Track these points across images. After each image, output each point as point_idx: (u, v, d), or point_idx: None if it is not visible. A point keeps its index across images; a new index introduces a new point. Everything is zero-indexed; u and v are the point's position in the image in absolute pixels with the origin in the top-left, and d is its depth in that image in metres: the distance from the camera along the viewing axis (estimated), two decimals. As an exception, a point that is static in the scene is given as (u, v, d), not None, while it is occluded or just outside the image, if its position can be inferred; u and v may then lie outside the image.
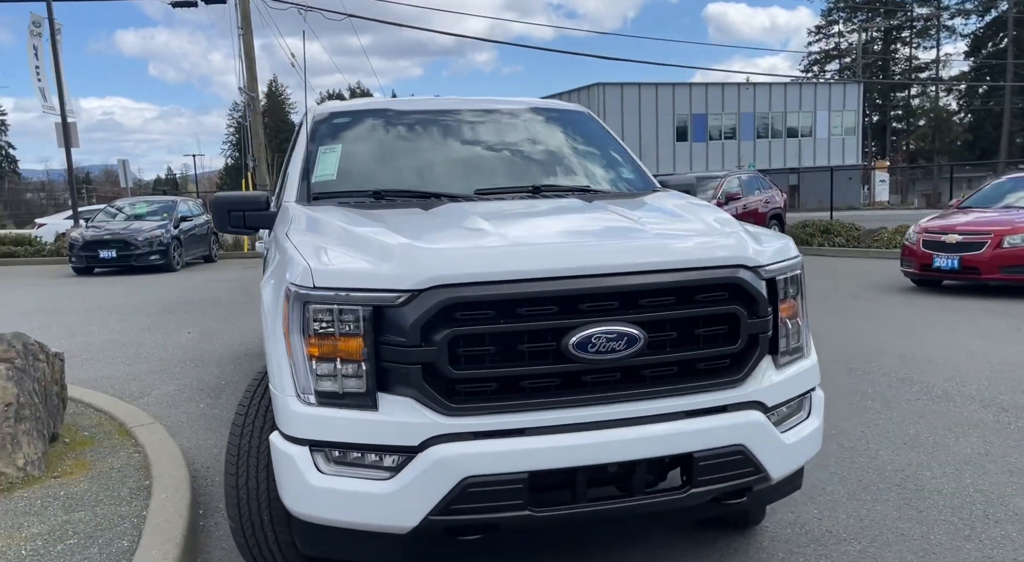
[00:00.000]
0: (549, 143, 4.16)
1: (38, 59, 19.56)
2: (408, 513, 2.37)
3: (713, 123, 52.61)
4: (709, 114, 52.19)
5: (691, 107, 52.26)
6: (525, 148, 4.06)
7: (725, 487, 2.58)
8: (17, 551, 3.02)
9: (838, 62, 79.22)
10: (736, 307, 2.59)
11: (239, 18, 20.45)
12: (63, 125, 19.99)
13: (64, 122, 20.04)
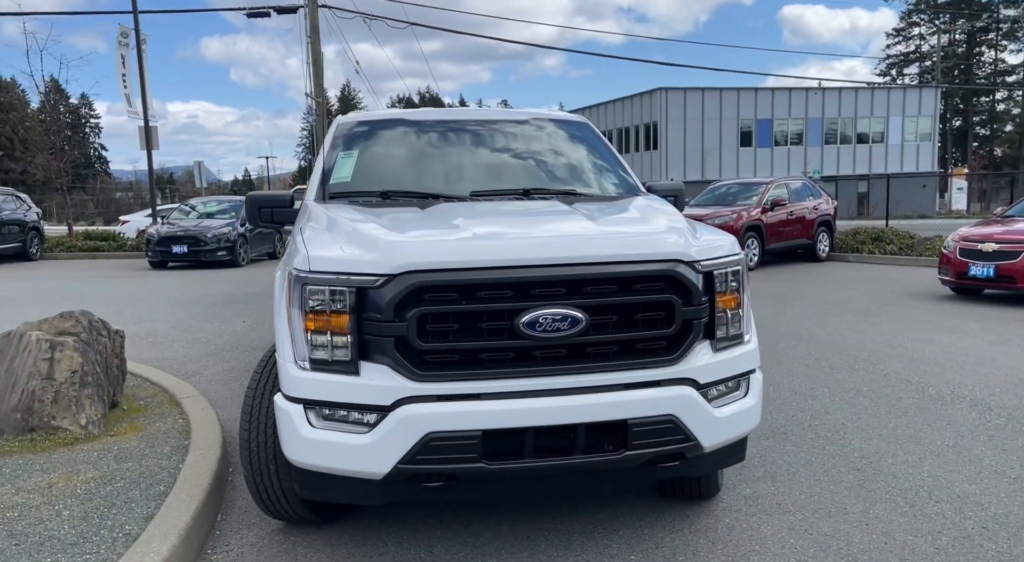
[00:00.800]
0: (545, 151, 4.60)
1: (125, 67, 20.89)
2: (381, 461, 2.84)
3: (779, 128, 51.88)
4: (775, 119, 51.50)
5: (756, 112, 51.63)
6: (521, 155, 4.51)
7: (657, 451, 2.99)
8: (74, 490, 3.62)
9: (918, 65, 76.95)
10: (671, 296, 3.00)
11: (308, 27, 21.46)
12: (145, 128, 21.27)
13: (146, 126, 21.32)
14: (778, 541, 3.34)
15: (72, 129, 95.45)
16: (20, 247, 19.98)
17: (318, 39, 21.57)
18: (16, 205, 20.47)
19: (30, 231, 20.53)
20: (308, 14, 21.50)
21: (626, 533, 3.43)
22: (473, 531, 3.46)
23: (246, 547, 3.34)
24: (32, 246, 20.42)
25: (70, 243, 22.19)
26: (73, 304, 4.92)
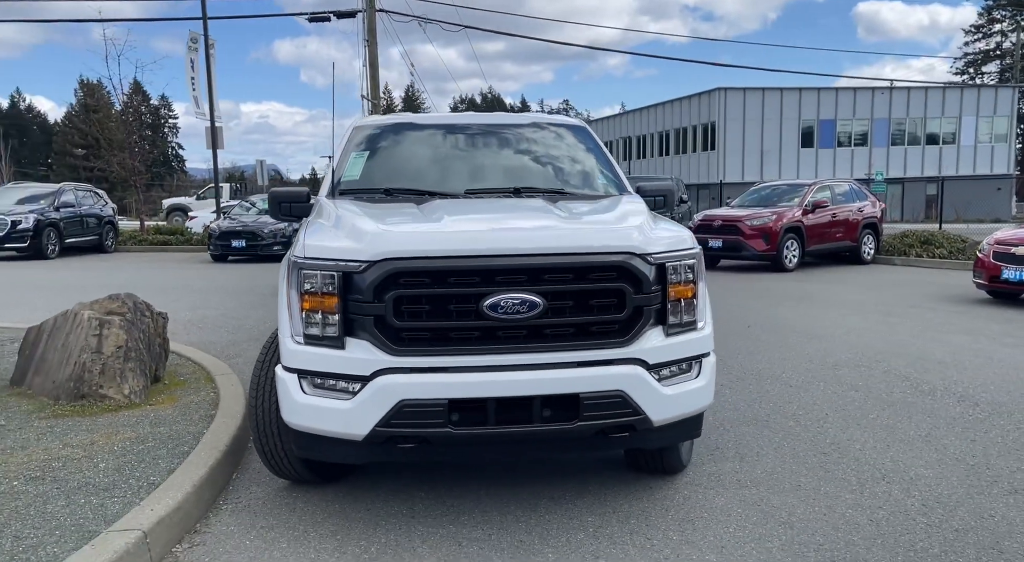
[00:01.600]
0: (540, 153, 4.99)
1: (193, 71, 21.98)
2: (362, 424, 3.27)
3: (842, 129, 50.89)
4: (838, 120, 50.55)
5: (819, 112, 50.75)
6: (517, 157, 4.91)
7: (607, 423, 3.35)
8: (112, 447, 4.15)
9: (998, 63, 74.28)
10: (623, 285, 3.35)
11: (365, 31, 22.19)
12: (211, 129, 22.31)
13: (212, 126, 22.37)
14: (726, 511, 3.66)
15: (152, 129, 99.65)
16: (96, 240, 21.22)
17: (375, 42, 22.30)
18: (94, 200, 21.72)
19: (106, 225, 21.77)
20: (366, 18, 22.25)
21: (590, 499, 3.79)
22: (454, 494, 3.86)
23: (253, 500, 3.82)
24: (107, 239, 21.65)
25: (141, 237, 23.43)
26: (136, 292, 5.46)
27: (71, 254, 19.90)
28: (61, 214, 19.66)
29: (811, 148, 50.59)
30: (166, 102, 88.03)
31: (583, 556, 3.23)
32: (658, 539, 3.37)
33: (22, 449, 4.13)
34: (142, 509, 3.30)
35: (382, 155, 4.90)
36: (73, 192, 20.96)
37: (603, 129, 63.93)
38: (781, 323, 8.87)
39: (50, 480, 3.70)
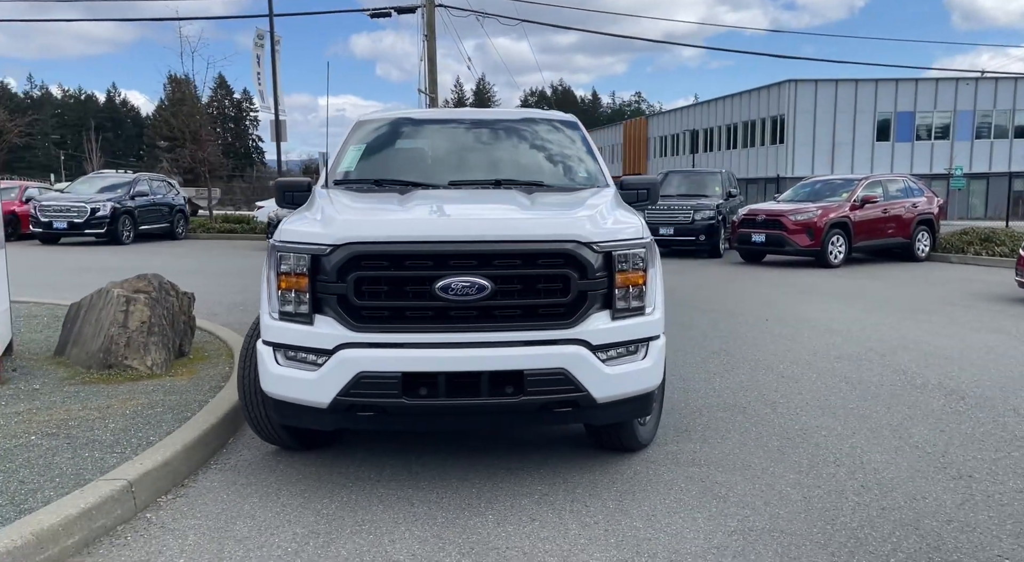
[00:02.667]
0: (526, 147, 5.25)
1: (259, 66, 22.89)
2: (325, 393, 3.61)
3: (922, 121, 49.20)
4: (918, 112, 48.88)
5: (896, 105, 49.16)
6: (504, 151, 5.18)
7: (551, 398, 3.61)
8: (124, 411, 4.61)
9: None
10: (568, 271, 3.61)
11: (424, 26, 22.68)
12: (275, 122, 23.19)
13: (276, 120, 23.25)
14: (669, 485, 3.88)
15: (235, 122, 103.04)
16: (168, 227, 22.36)
17: (434, 37, 22.77)
18: (166, 190, 22.87)
19: (177, 213, 22.91)
20: (425, 13, 22.73)
21: (546, 471, 4.05)
22: (422, 462, 4.18)
23: (240, 462, 4.22)
24: (178, 226, 22.78)
25: (209, 225, 24.52)
26: (196, 276, 5.92)
27: (144, 240, 21.01)
28: (136, 202, 20.78)
29: (887, 142, 49.10)
30: (248, 96, 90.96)
31: (520, 518, 3.51)
32: (595, 507, 3.62)
33: (47, 410, 4.63)
34: (133, 464, 3.72)
35: (378, 148, 5.24)
36: (148, 182, 22.11)
37: (668, 122, 63.30)
38: (800, 317, 8.90)
39: (63, 436, 4.16)
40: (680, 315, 9.02)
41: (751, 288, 11.75)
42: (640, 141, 66.74)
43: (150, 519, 3.48)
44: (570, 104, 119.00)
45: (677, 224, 16.54)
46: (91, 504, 3.28)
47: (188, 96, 30.88)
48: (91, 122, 62.82)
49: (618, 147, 71.23)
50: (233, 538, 3.30)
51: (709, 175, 19.16)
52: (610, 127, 78.61)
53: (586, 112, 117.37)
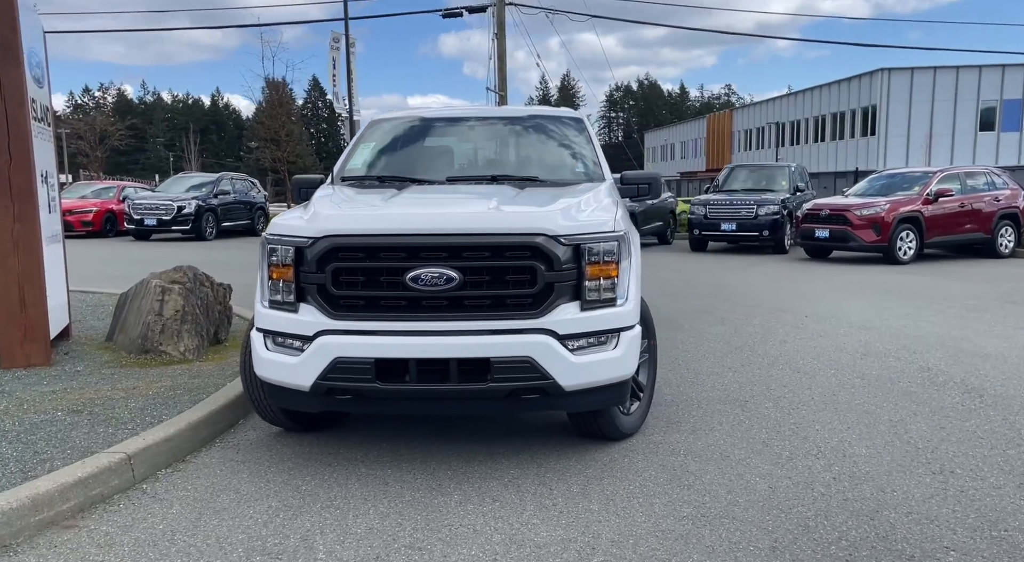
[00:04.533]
0: (527, 143, 5.38)
1: (335, 69, 23.70)
2: (306, 377, 3.84)
3: (1032, 109, 46.38)
4: (1028, 99, 46.08)
5: (1002, 92, 46.57)
6: (505, 148, 5.33)
7: (518, 385, 3.75)
8: (146, 392, 4.99)
9: None
10: (535, 263, 3.74)
11: (495, 25, 22.97)
12: (349, 123, 23.93)
13: (351, 121, 23.98)
14: (638, 472, 3.96)
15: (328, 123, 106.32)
16: (249, 224, 23.38)
17: (503, 36, 23.02)
18: (248, 188, 23.93)
19: (257, 210, 23.93)
20: (496, 12, 23.01)
21: (523, 457, 4.19)
22: (411, 445, 4.38)
23: (242, 441, 4.51)
24: (258, 223, 23.77)
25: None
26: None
27: (227, 236, 22.02)
28: (219, 200, 21.83)
29: (991, 132, 46.61)
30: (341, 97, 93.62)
31: (484, 499, 3.66)
32: (559, 491, 3.74)
33: (80, 389, 5.05)
34: (137, 439, 4.05)
35: (386, 146, 5.47)
36: (230, 181, 23.18)
37: (753, 115, 61.82)
38: (843, 314, 8.70)
39: (86, 413, 4.55)
40: (720, 310, 8.96)
41: (804, 284, 11.51)
42: (724, 135, 65.44)
43: (145, 490, 3.79)
44: (656, 98, 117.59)
45: (740, 219, 16.28)
46: (88, 474, 3.61)
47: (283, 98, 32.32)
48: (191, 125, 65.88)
49: (701, 141, 70.01)
50: (213, 509, 3.57)
51: (776, 169, 18.75)
52: (693, 121, 77.33)
53: (673, 106, 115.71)
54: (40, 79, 6.19)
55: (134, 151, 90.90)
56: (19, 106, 5.53)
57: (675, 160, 75.41)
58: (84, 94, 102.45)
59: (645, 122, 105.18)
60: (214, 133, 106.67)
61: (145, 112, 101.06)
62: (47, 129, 6.37)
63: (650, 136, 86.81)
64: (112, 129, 28.58)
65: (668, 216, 19.71)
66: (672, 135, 79.02)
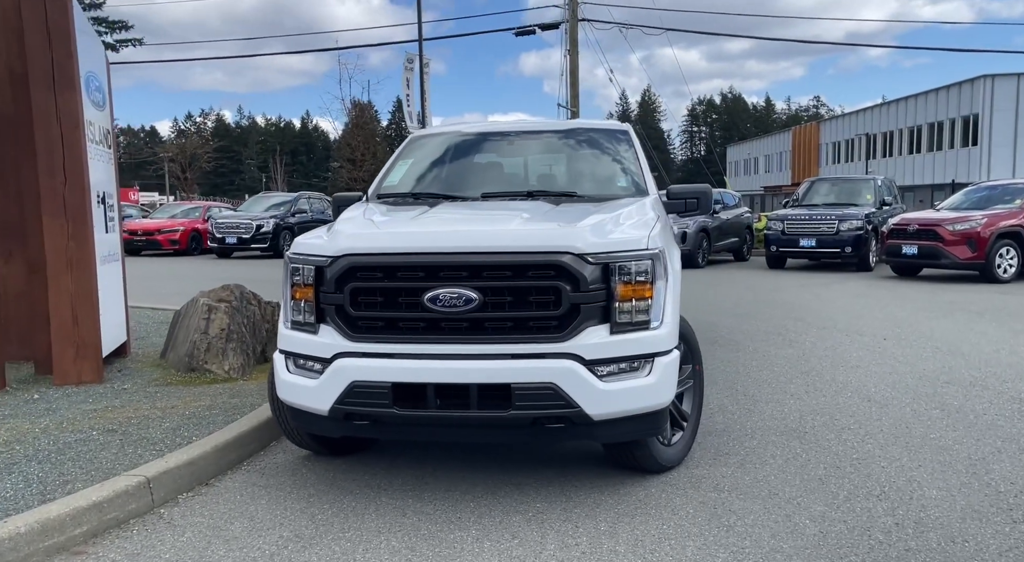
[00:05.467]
0: (567, 157, 5.15)
1: (408, 89, 23.97)
2: (324, 401, 3.70)
3: None
4: None
5: (1119, 98, 43.57)
6: (545, 162, 5.11)
7: (540, 413, 3.51)
8: (183, 411, 4.95)
9: None
10: (559, 283, 3.51)
11: (567, 41, 22.82)
12: (425, 139, 24.12)
13: (426, 137, 24.16)
14: (675, 510, 3.65)
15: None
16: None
17: (576, 52, 22.89)
18: (324, 207, 24.37)
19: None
20: (568, 29, 22.88)
21: (554, 489, 3.94)
22: (435, 474, 4.18)
23: (269, 465, 4.40)
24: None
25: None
26: None
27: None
28: (296, 219, 22.31)
29: (1114, 141, 43.61)
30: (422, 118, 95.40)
31: (502, 535, 3.42)
32: (586, 528, 3.47)
33: (120, 408, 5.06)
34: (160, 461, 3.98)
35: (424, 162, 5.33)
36: (307, 200, 23.70)
37: (842, 127, 59.75)
38: (927, 337, 8.10)
39: (120, 433, 4.53)
40: (790, 331, 8.49)
41: (887, 304, 10.83)
42: (811, 147, 63.47)
43: (161, 515, 3.71)
44: (740, 111, 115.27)
45: (820, 235, 15.57)
46: (103, 498, 3.54)
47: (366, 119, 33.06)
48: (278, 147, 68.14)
49: (786, 154, 68.08)
50: (223, 537, 3.45)
51: (861, 182, 17.88)
52: (777, 134, 75.25)
53: (759, 119, 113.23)
54: (100, 103, 6.33)
55: (230, 172, 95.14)
56: (74, 128, 5.64)
57: (758, 174, 73.60)
58: (187, 120, 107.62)
59: (729, 136, 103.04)
60: (304, 155, 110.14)
61: (241, 136, 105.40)
62: (107, 151, 6.50)
63: (732, 150, 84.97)
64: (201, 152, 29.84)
65: (744, 232, 19.07)
66: (755, 149, 77.17)
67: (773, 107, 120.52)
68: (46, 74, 5.55)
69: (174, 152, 39.00)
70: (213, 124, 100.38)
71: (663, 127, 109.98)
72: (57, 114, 5.58)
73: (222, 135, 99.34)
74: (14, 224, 6.14)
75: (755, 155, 76.49)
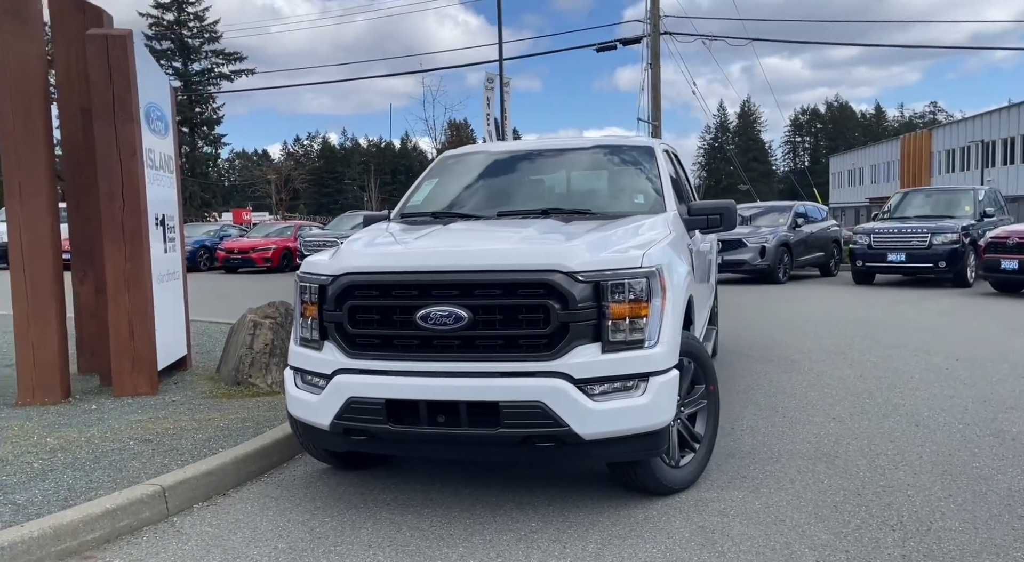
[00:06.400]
0: (586, 175, 5.13)
1: (488, 108, 24.26)
2: (325, 416, 3.81)
3: None
4: None
5: None
6: (562, 179, 5.09)
7: (528, 432, 3.51)
8: (218, 424, 5.16)
9: None
10: (548, 301, 3.50)
11: (649, 55, 22.62)
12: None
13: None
14: (671, 532, 3.55)
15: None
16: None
17: (658, 65, 22.63)
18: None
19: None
20: (650, 43, 22.69)
21: (553, 508, 3.90)
22: (443, 491, 4.20)
23: (287, 477, 4.53)
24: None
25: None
26: None
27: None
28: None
29: None
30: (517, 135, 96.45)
31: (488, 553, 3.41)
32: (573, 550, 3.42)
33: (163, 419, 5.32)
34: (179, 472, 4.17)
35: (449, 181, 5.41)
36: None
37: (955, 134, 56.73)
38: (1004, 359, 7.59)
39: (154, 443, 4.77)
40: (854, 350, 8.12)
41: (974, 323, 10.21)
42: (922, 156, 60.47)
43: (173, 523, 3.88)
44: (847, 120, 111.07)
45: (911, 249, 14.81)
46: (117, 505, 3.73)
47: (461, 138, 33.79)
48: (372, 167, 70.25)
49: (894, 164, 65.07)
50: (223, 547, 3.57)
51: (959, 193, 16.92)
52: (885, 143, 71.88)
53: (867, 127, 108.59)
54: (162, 131, 6.71)
55: (335, 192, 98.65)
56: (131, 156, 6.00)
57: (863, 185, 70.52)
58: (295, 143, 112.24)
59: (834, 146, 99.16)
60: (403, 173, 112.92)
61: (344, 157, 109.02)
62: (169, 176, 6.88)
63: (836, 160, 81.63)
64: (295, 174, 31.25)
65: (831, 246, 18.34)
66: (861, 159, 73.96)
67: (884, 114, 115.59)
68: (107, 108, 5.93)
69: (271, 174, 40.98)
70: (319, 146, 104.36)
71: (763, 138, 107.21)
72: (117, 144, 5.95)
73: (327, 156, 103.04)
74: (87, 247, 6.58)
75: (860, 165, 73.39)
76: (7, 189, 5.87)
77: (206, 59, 59.47)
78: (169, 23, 57.39)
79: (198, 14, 58.28)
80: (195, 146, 58.37)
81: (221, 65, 59.88)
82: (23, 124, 5.86)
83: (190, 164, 57.30)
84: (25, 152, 5.86)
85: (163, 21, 57.33)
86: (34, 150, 5.87)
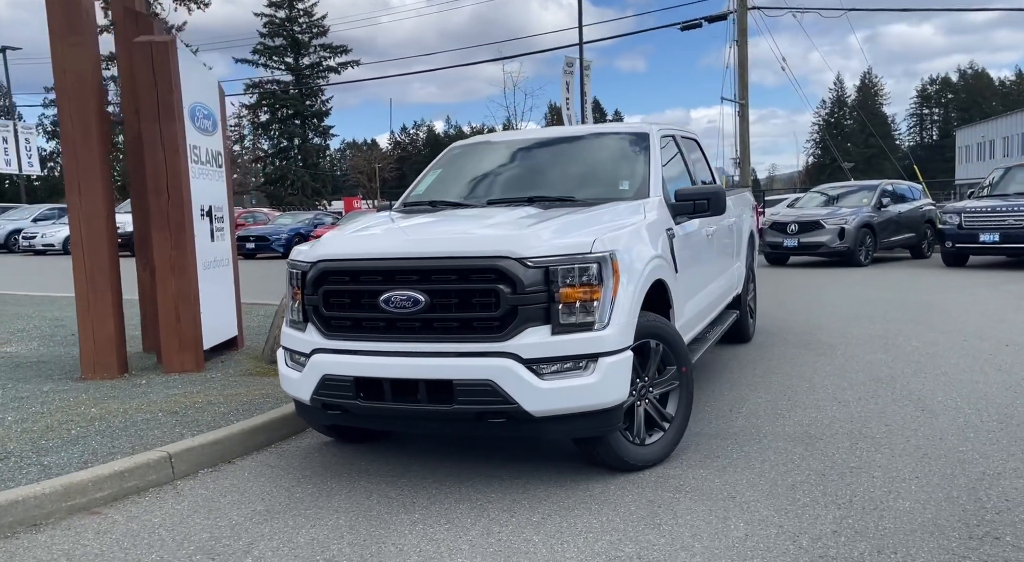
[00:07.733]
0: (575, 163, 5.24)
1: (568, 92, 24.24)
2: (306, 391, 4.13)
3: None
4: None
5: None
6: (552, 167, 5.23)
7: (481, 408, 3.72)
8: (241, 399, 5.59)
9: None
10: (499, 286, 3.69)
11: (735, 31, 22.07)
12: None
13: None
14: (618, 506, 3.69)
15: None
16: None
17: (745, 42, 22.04)
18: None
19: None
20: (737, 19, 22.13)
21: (520, 482, 4.09)
22: (422, 463, 4.46)
23: (291, 448, 4.89)
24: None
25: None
26: None
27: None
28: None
29: None
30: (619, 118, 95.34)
31: (438, 520, 3.64)
32: (519, 519, 3.61)
33: (196, 394, 5.80)
34: (191, 440, 4.60)
35: (451, 171, 5.64)
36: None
37: None
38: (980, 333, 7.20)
39: (179, 415, 5.23)
40: (900, 335, 7.88)
41: None
42: (1064, 126, 55.80)
43: (176, 486, 4.29)
44: (984, 88, 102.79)
45: (1007, 229, 13.95)
46: (125, 468, 4.17)
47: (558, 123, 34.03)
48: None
49: (1018, 137, 60.52)
50: (209, 508, 3.94)
51: (1073, 169, 15.75)
52: (1019, 112, 66.33)
53: (1006, 95, 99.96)
54: (209, 129, 7.22)
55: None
56: (175, 153, 6.51)
57: (994, 159, 65.69)
58: (401, 132, 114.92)
59: (968, 117, 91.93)
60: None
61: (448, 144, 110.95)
62: (217, 170, 7.38)
63: (962, 133, 76.14)
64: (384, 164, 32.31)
65: (923, 226, 17.46)
66: (991, 130, 68.63)
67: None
68: (152, 108, 6.45)
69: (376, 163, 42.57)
70: (425, 135, 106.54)
71: (886, 112, 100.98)
72: (161, 141, 6.47)
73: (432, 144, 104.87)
74: (145, 236, 7.18)
75: (990, 137, 68.26)
76: (68, 186, 6.49)
77: (314, 53, 61.82)
78: (281, 20, 59.96)
79: (307, 10, 60.65)
80: (306, 138, 60.86)
81: (328, 58, 62.12)
82: (81, 128, 6.45)
83: (302, 155, 59.87)
84: (83, 152, 6.45)
85: (276, 19, 59.96)
86: (89, 150, 6.45)
